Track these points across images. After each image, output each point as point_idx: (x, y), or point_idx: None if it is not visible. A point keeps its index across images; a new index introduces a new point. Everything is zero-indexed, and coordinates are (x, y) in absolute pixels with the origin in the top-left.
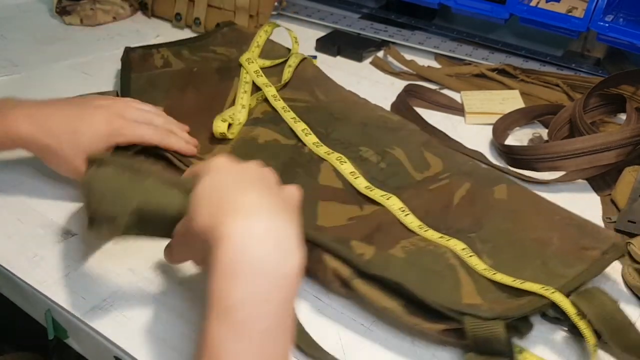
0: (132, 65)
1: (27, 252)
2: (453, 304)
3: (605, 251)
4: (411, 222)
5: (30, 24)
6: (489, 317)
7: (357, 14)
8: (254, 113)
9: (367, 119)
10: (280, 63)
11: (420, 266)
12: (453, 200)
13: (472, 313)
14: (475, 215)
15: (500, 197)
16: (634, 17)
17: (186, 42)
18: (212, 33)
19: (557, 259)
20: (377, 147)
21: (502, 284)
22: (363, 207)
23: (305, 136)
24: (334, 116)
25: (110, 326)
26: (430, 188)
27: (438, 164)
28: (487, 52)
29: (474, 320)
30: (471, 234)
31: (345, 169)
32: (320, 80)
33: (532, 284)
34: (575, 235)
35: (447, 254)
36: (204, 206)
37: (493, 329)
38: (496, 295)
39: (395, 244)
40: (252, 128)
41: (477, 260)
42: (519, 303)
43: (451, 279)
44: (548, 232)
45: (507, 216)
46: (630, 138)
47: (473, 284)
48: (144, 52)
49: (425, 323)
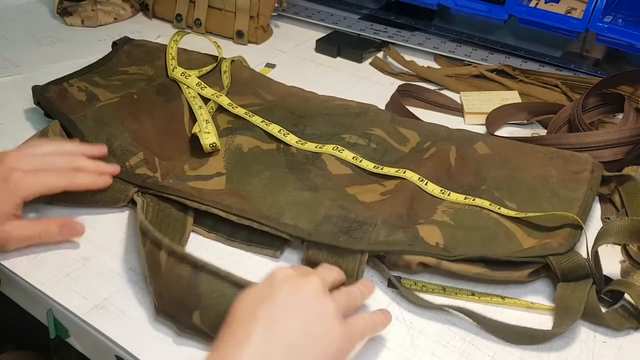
0: (56, 106)
1: (28, 252)
2: (524, 252)
3: (592, 170)
4: (433, 190)
5: (31, 25)
6: (566, 251)
7: (357, 14)
8: (220, 124)
9: (328, 109)
10: (211, 70)
11: (473, 228)
12: (451, 163)
13: (552, 253)
14: (474, 171)
15: (484, 152)
16: (633, 17)
17: (92, 68)
18: (113, 54)
19: (562, 187)
20: (358, 132)
21: (536, 223)
22: (384, 184)
23: (284, 137)
24: (295, 114)
25: (112, 325)
26: (425, 157)
27: (414, 135)
28: (487, 53)
29: (556, 257)
30: (483, 187)
31: (346, 156)
32: (259, 80)
33: (563, 213)
34: (562, 164)
35: (482, 211)
36: (237, 311)
37: (574, 259)
38: (543, 234)
39: (435, 210)
40: (232, 138)
41: (506, 210)
42: (568, 231)
43: (502, 232)
44: (543, 168)
45: (500, 165)
46: (628, 137)
47: (520, 230)
48: (58, 89)
49: (514, 273)
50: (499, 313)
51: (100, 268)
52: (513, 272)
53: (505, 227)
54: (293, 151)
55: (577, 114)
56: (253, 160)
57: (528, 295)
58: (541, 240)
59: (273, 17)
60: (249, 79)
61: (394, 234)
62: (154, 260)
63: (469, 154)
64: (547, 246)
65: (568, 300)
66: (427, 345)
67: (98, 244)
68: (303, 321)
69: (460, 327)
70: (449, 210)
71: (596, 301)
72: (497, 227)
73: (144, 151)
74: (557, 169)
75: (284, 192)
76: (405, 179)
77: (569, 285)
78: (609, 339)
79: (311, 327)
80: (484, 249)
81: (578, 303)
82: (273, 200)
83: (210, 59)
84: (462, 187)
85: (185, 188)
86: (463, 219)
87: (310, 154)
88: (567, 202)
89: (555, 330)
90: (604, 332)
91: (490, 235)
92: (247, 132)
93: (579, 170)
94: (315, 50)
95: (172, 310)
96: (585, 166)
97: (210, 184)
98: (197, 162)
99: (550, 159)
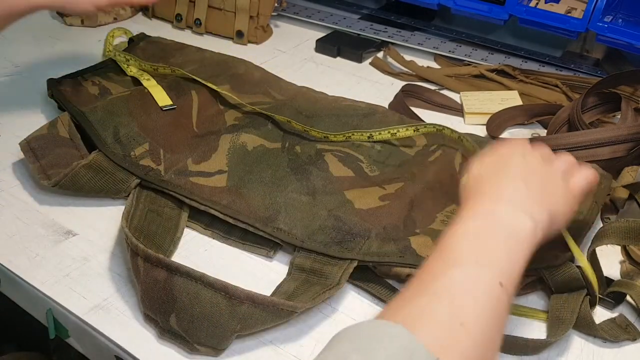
0: (68, 98)
1: (28, 252)
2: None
3: (599, 182)
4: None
5: (31, 25)
6: (560, 263)
7: (357, 14)
8: (227, 121)
9: (336, 110)
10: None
11: None
12: (455, 168)
13: (546, 265)
14: None
15: None
16: (633, 17)
17: (107, 63)
18: (130, 50)
19: None
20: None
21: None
22: (384, 187)
23: (295, 125)
24: (302, 114)
25: (111, 326)
26: (430, 160)
27: (420, 137)
28: (486, 53)
29: (549, 270)
30: None
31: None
32: (270, 80)
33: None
34: None
35: None
36: (479, 177)
37: (568, 271)
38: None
39: (435, 218)
40: (237, 135)
41: None
42: (567, 241)
43: None
44: None
45: None
46: (626, 135)
47: None
48: (72, 82)
49: None
50: None
51: (100, 268)
52: None
53: None
54: (297, 151)
55: (577, 113)
56: (256, 159)
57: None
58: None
59: (273, 17)
60: (260, 79)
61: (386, 246)
62: (135, 266)
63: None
64: (541, 258)
65: (561, 311)
66: None
67: (98, 244)
68: (542, 179)
69: None
70: (447, 221)
71: (589, 313)
72: None
73: (149, 142)
74: None
75: (282, 193)
76: (407, 182)
77: (562, 296)
78: (606, 350)
79: (548, 184)
80: None
81: (570, 314)
82: (271, 201)
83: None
84: None
85: (186, 184)
86: None
87: (314, 155)
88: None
89: (547, 340)
90: (600, 343)
91: None
92: (253, 130)
93: None
94: (315, 50)
95: (153, 313)
96: None
97: (212, 181)
98: (200, 157)
99: None
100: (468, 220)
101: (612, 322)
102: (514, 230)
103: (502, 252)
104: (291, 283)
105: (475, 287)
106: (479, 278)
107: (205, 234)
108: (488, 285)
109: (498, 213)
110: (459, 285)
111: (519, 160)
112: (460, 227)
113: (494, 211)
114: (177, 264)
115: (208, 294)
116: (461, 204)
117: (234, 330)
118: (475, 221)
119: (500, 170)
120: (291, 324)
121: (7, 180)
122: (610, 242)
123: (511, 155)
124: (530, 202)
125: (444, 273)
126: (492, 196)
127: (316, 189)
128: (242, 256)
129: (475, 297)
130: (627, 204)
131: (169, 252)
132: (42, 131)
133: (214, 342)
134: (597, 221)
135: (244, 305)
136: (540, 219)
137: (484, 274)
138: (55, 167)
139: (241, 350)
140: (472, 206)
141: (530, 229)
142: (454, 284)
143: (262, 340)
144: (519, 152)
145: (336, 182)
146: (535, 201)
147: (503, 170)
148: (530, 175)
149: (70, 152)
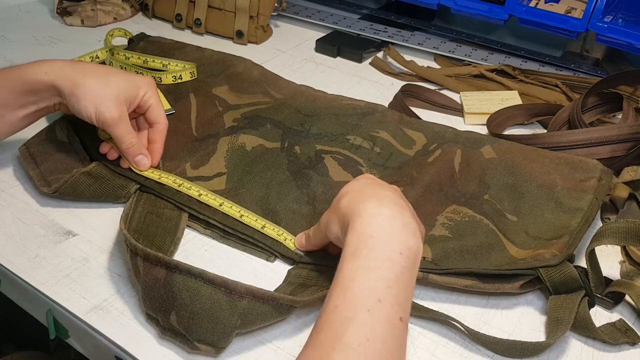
0: None
1: (28, 252)
2: (515, 264)
3: (599, 178)
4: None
5: (31, 25)
6: (558, 263)
7: (357, 14)
8: (226, 123)
9: (336, 109)
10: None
11: (469, 239)
12: (455, 168)
13: (543, 265)
14: (477, 178)
15: (490, 156)
16: (633, 17)
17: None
18: (130, 50)
19: (567, 196)
20: (363, 134)
21: (533, 234)
22: None
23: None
24: (301, 113)
25: (111, 326)
26: (429, 161)
27: (420, 137)
28: (486, 53)
29: (546, 270)
30: (485, 196)
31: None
32: (269, 79)
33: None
34: (568, 171)
35: (483, 220)
36: (349, 194)
37: (566, 271)
38: (541, 243)
39: (435, 222)
40: (235, 137)
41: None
42: (565, 242)
43: (496, 243)
44: (548, 176)
45: (505, 172)
46: (626, 134)
47: (511, 242)
48: None
49: (505, 285)
50: (492, 319)
51: (100, 269)
52: (504, 284)
53: (499, 239)
54: (296, 152)
55: (577, 113)
56: (255, 159)
57: (520, 307)
58: (535, 250)
59: (273, 17)
60: (259, 77)
61: None
62: (135, 266)
63: (474, 158)
64: (539, 257)
65: (559, 312)
66: (427, 345)
67: (98, 244)
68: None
69: (460, 328)
70: (448, 223)
71: (588, 314)
72: (492, 238)
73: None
74: (562, 177)
75: (282, 202)
76: (407, 186)
77: (559, 297)
78: (605, 353)
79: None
80: (475, 262)
81: (568, 314)
82: (271, 208)
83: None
84: (465, 196)
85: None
86: (462, 231)
87: (313, 156)
88: (571, 211)
89: (545, 342)
90: (600, 346)
91: (485, 247)
92: (252, 130)
93: (586, 177)
94: (315, 50)
95: (154, 312)
96: (592, 173)
97: (210, 184)
98: (198, 161)
99: (557, 165)
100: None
101: (611, 326)
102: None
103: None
104: (287, 287)
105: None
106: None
107: (205, 233)
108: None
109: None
110: (369, 332)
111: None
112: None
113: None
114: (177, 262)
115: (208, 290)
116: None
117: (234, 327)
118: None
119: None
120: (291, 323)
121: (7, 181)
122: (609, 242)
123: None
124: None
125: (351, 319)
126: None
127: (316, 197)
128: (242, 257)
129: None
130: (627, 204)
131: (169, 253)
132: (40, 136)
133: (214, 340)
134: (596, 220)
135: (244, 300)
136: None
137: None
138: (55, 173)
139: (241, 350)
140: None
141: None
142: (364, 331)
143: (262, 340)
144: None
145: (336, 187)
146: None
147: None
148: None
149: (69, 156)
